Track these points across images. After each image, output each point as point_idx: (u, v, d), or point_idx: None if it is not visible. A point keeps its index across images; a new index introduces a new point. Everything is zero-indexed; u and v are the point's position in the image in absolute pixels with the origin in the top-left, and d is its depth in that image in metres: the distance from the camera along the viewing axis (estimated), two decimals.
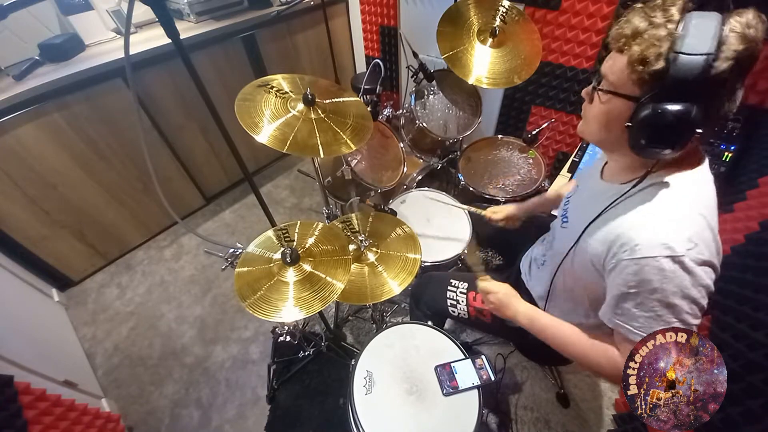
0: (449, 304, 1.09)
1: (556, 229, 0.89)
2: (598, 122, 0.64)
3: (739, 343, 0.82)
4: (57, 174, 1.59)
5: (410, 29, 2.15)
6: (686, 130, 0.51)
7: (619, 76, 0.56)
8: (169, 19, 0.65)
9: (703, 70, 0.47)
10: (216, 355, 1.61)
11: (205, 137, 2.08)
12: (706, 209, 0.58)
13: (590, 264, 0.68)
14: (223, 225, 2.22)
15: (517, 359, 1.50)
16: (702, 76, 0.47)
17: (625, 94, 0.56)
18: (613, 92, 0.58)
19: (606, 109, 0.61)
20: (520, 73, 1.35)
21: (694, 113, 0.49)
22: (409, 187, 1.64)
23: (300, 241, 0.95)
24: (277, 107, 0.93)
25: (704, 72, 0.47)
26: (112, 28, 1.76)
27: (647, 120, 0.52)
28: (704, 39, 0.47)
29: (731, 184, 1.26)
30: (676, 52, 0.48)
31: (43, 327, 1.57)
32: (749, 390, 0.72)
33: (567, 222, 0.83)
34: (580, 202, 0.82)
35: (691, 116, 0.49)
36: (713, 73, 0.47)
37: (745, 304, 0.89)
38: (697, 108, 0.49)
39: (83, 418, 1.19)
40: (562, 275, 0.82)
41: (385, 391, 0.88)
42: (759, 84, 1.22)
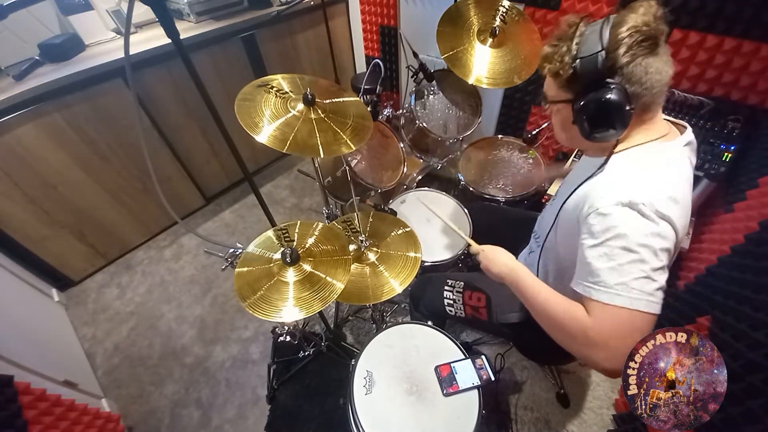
0: (446, 303, 1.10)
1: (545, 210, 0.97)
2: (558, 128, 0.77)
3: (739, 343, 0.82)
4: (57, 174, 1.59)
5: (410, 29, 2.15)
6: (615, 109, 0.61)
7: (551, 90, 0.71)
8: (169, 19, 0.65)
9: (602, 63, 0.59)
10: (216, 355, 1.61)
11: (205, 137, 2.08)
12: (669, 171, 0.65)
13: (569, 234, 0.73)
14: (223, 225, 2.22)
15: (517, 359, 1.50)
16: (604, 66, 0.59)
17: (560, 100, 0.70)
18: (552, 102, 0.73)
19: (558, 117, 0.75)
20: (520, 73, 1.35)
21: (612, 95, 0.60)
22: (409, 187, 1.64)
23: (300, 241, 0.94)
24: (277, 107, 0.93)
25: (604, 63, 0.59)
26: (112, 28, 1.76)
27: (581, 113, 0.65)
28: (594, 41, 0.60)
29: (731, 184, 1.26)
30: (577, 58, 0.62)
31: (43, 327, 1.57)
32: (749, 390, 0.73)
33: (554, 200, 0.91)
34: (567, 182, 0.92)
35: (611, 99, 0.60)
36: (612, 61, 0.59)
37: (745, 304, 0.89)
38: (615, 90, 0.60)
39: (83, 418, 1.19)
40: (548, 252, 0.87)
41: (385, 391, 0.88)
42: (759, 84, 1.22)
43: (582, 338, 0.63)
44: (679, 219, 0.61)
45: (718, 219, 1.28)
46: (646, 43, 0.59)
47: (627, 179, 0.65)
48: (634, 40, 0.58)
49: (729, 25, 1.19)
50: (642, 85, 0.61)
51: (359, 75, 2.50)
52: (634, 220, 0.60)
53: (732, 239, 1.11)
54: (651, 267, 0.58)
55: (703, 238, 1.32)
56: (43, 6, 1.58)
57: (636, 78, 0.60)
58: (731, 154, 1.22)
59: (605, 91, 0.60)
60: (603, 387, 1.42)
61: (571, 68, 0.63)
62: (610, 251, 0.61)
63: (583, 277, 0.65)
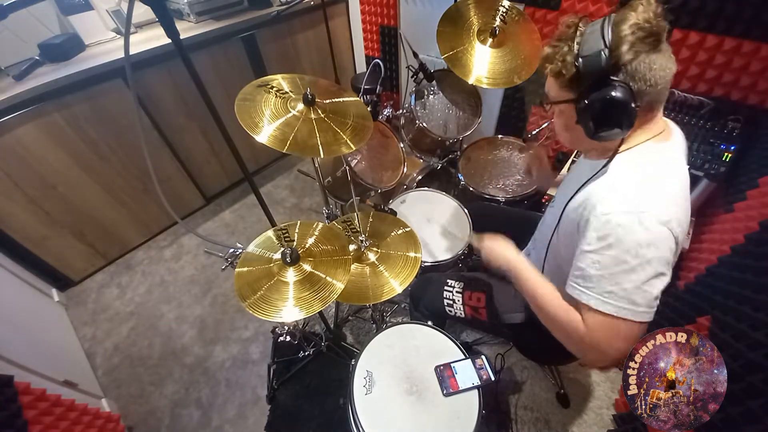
0: (446, 304, 1.10)
1: (546, 213, 0.96)
2: (561, 129, 0.76)
3: (739, 343, 0.82)
4: (57, 174, 1.59)
5: (410, 29, 2.15)
6: (621, 107, 0.59)
7: (553, 90, 0.70)
8: (169, 19, 0.65)
9: (605, 60, 0.58)
10: (216, 355, 1.61)
11: (205, 137, 2.08)
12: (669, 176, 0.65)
13: (570, 236, 0.73)
14: (223, 225, 2.22)
15: (517, 359, 1.50)
16: (607, 64, 0.58)
17: (563, 100, 0.69)
18: (555, 102, 0.71)
19: (561, 118, 0.74)
20: (520, 73, 1.35)
21: (617, 93, 0.58)
22: (409, 187, 1.64)
23: (300, 241, 0.94)
24: (277, 107, 0.93)
25: (607, 61, 0.58)
26: (112, 28, 1.76)
27: (586, 112, 0.63)
28: (596, 39, 0.59)
29: (731, 184, 1.26)
30: (579, 56, 0.61)
31: (43, 327, 1.57)
32: (749, 390, 0.73)
33: (554, 201, 0.91)
34: (566, 183, 0.90)
35: (616, 96, 0.58)
36: (615, 58, 0.58)
37: (745, 304, 0.89)
38: (620, 88, 0.58)
39: (83, 418, 1.19)
40: (550, 254, 0.87)
41: (385, 391, 0.88)
42: (759, 84, 1.22)
43: (577, 339, 0.67)
44: (679, 224, 0.61)
45: (718, 219, 1.28)
46: (648, 40, 0.58)
47: (627, 185, 0.64)
48: (637, 36, 0.58)
49: (729, 25, 1.19)
50: (646, 81, 0.60)
51: (359, 75, 2.50)
52: (630, 229, 0.59)
53: (732, 239, 1.11)
54: (643, 277, 0.59)
55: (703, 238, 1.32)
56: (43, 6, 1.58)
57: (640, 75, 0.59)
58: (731, 154, 1.22)
59: (610, 89, 0.59)
60: (603, 387, 1.42)
61: (574, 67, 0.62)
62: (602, 259, 0.62)
63: (576, 280, 0.67)
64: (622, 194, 0.63)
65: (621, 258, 0.59)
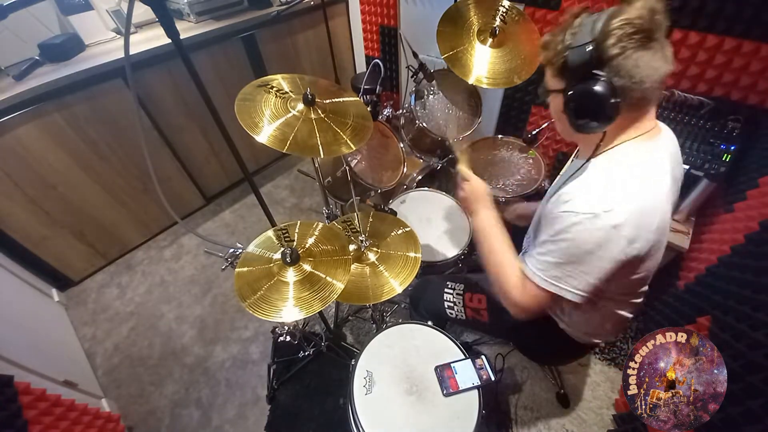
0: (446, 306, 1.10)
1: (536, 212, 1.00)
2: (554, 117, 0.77)
3: (739, 343, 0.82)
4: (57, 174, 1.59)
5: (410, 29, 2.15)
6: (597, 102, 0.61)
7: (547, 77, 0.72)
8: (169, 19, 0.65)
9: (590, 54, 0.59)
10: (216, 355, 1.61)
11: (205, 137, 2.08)
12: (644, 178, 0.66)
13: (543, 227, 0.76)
14: (223, 225, 2.22)
15: (517, 359, 1.50)
16: (592, 57, 0.59)
17: (554, 89, 0.70)
18: (549, 91, 0.73)
19: (554, 106, 0.75)
20: (520, 73, 1.35)
21: (596, 87, 0.60)
22: (409, 187, 1.64)
23: (300, 241, 0.94)
24: (277, 107, 0.93)
25: (592, 54, 0.59)
26: (112, 28, 1.76)
27: (569, 102, 0.65)
28: (585, 33, 0.60)
29: (731, 184, 1.26)
30: (568, 48, 0.62)
31: (43, 327, 1.57)
32: (749, 390, 0.72)
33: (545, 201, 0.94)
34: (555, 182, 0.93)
35: (594, 90, 0.60)
36: (600, 52, 0.59)
37: (745, 304, 0.89)
38: (600, 82, 0.59)
39: (83, 418, 1.19)
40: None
41: (385, 391, 0.88)
42: (759, 84, 1.22)
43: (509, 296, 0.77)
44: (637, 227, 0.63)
45: (718, 219, 1.28)
46: (637, 36, 0.58)
47: (597, 185, 0.66)
48: (624, 32, 0.57)
49: (729, 25, 1.19)
50: (632, 78, 0.60)
51: (359, 75, 2.50)
52: (584, 228, 0.63)
53: (732, 239, 1.11)
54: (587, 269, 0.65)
55: (703, 238, 1.32)
56: (43, 6, 1.58)
57: (625, 71, 0.59)
58: (731, 154, 1.22)
59: (591, 83, 0.60)
60: (603, 387, 1.42)
61: (562, 57, 0.64)
62: (557, 249, 0.68)
63: (530, 259, 0.74)
64: (588, 194, 0.66)
65: (571, 251, 0.65)
